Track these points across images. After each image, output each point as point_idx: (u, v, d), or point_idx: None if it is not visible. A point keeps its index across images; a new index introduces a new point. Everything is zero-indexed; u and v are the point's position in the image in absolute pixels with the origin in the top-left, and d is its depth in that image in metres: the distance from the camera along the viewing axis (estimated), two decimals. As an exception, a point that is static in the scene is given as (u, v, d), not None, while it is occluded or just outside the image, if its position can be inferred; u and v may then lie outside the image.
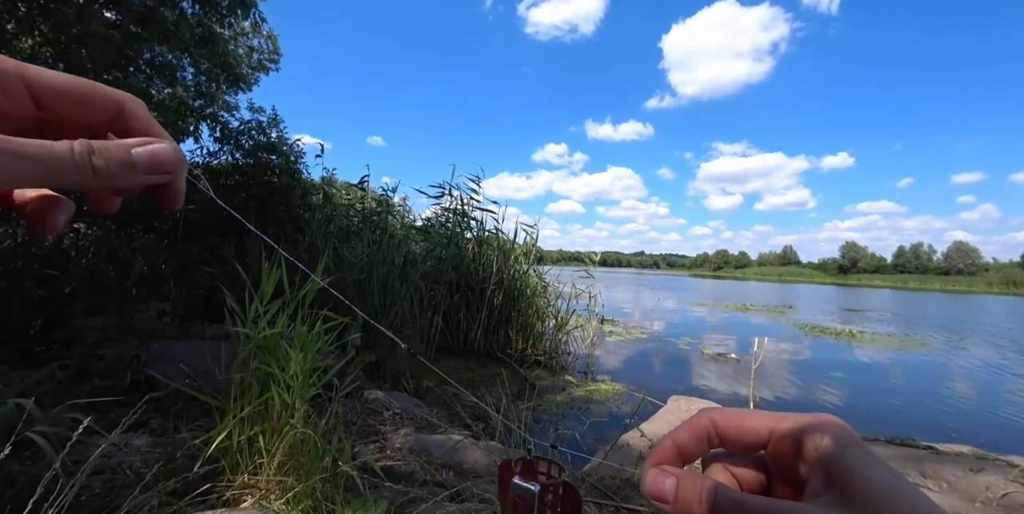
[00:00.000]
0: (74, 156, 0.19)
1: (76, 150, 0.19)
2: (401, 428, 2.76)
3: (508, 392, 2.25)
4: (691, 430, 0.27)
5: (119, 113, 0.22)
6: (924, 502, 0.20)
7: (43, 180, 0.19)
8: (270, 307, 1.83)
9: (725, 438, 0.26)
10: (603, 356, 5.97)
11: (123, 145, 0.20)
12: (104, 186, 0.20)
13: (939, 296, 37.18)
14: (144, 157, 0.21)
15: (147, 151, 0.21)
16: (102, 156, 0.20)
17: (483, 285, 5.20)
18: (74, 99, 0.21)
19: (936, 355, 7.43)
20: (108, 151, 0.20)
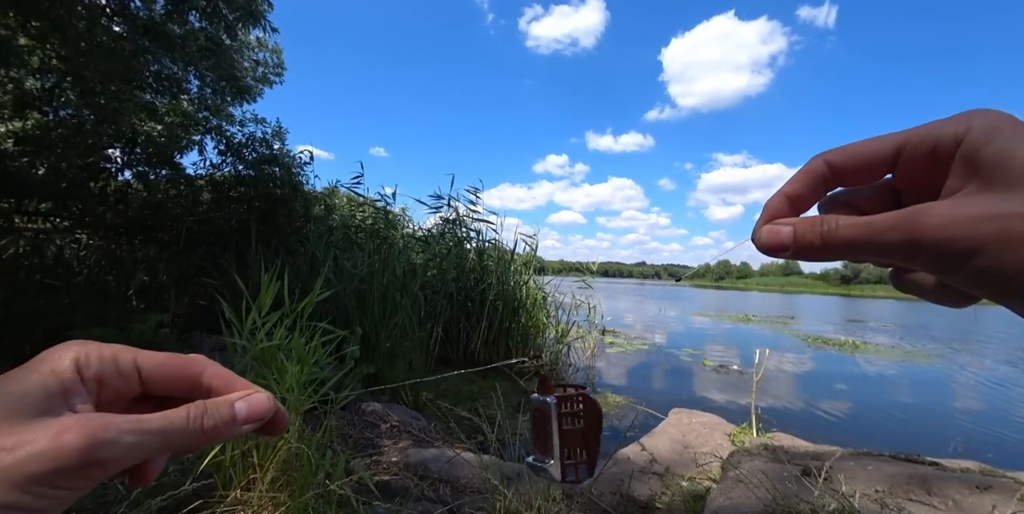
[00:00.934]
0: (189, 422, 0.22)
1: (191, 416, 0.22)
2: (399, 441, 2.73)
3: (503, 405, 2.23)
4: (803, 177, 0.25)
5: (199, 376, 0.26)
6: None
7: (160, 449, 0.21)
8: (268, 319, 1.83)
9: (844, 171, 0.24)
10: (604, 368, 5.92)
11: (227, 401, 0.24)
12: (208, 443, 0.23)
13: (942, 307, 36.89)
14: (244, 410, 0.24)
15: (246, 403, 0.24)
16: (212, 416, 0.23)
17: (483, 296, 5.19)
18: (168, 371, 0.25)
19: (941, 367, 7.35)
20: (216, 411, 0.23)
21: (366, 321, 3.99)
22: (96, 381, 0.23)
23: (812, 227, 0.22)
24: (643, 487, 2.37)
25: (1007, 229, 0.16)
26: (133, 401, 0.25)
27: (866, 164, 0.23)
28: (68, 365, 0.22)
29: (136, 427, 0.20)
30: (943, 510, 1.67)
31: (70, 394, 0.21)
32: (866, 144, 0.23)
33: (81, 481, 0.19)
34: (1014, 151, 0.18)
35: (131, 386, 0.24)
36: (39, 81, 5.68)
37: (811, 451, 2.48)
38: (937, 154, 0.21)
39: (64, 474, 0.18)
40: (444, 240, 5.77)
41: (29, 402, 0.19)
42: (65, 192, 5.81)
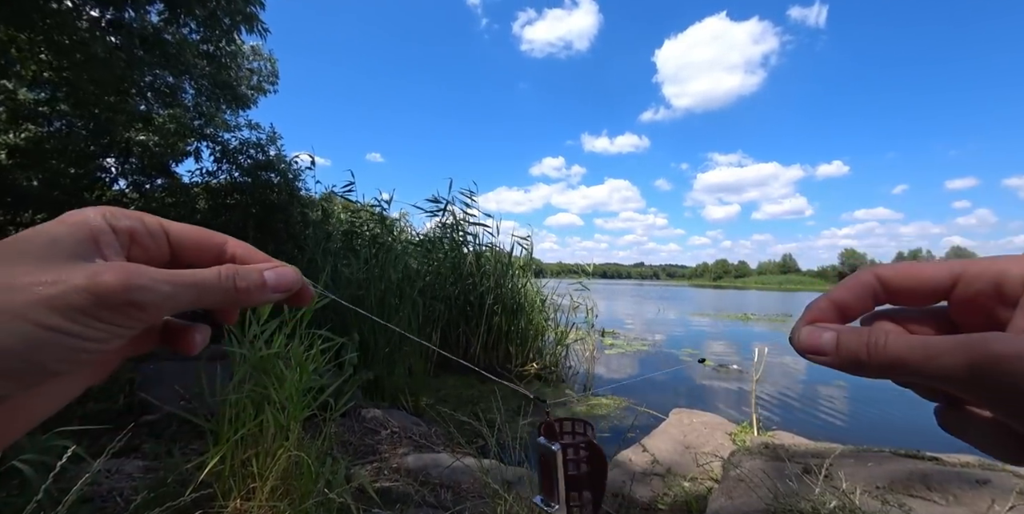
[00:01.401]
0: (221, 279, 0.23)
1: (223, 274, 0.23)
2: (399, 447, 2.72)
3: (502, 409, 2.23)
4: (852, 287, 0.24)
5: (222, 249, 0.26)
6: None
7: (195, 303, 0.22)
8: (267, 327, 1.83)
9: (896, 291, 0.23)
10: (604, 369, 5.92)
11: (256, 268, 0.24)
12: (242, 303, 0.24)
13: (940, 302, 37.11)
14: (274, 278, 0.25)
15: (275, 273, 0.25)
16: (243, 278, 0.23)
17: (482, 300, 5.19)
18: (194, 240, 0.26)
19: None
20: (247, 274, 0.24)
21: (364, 327, 3.98)
22: (128, 235, 0.23)
23: (859, 337, 0.21)
24: (645, 488, 2.37)
25: None
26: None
27: (919, 286, 0.22)
28: (97, 216, 0.22)
29: (170, 278, 0.20)
30: (943, 505, 1.67)
31: (101, 244, 0.21)
32: (922, 267, 0.23)
33: (124, 319, 0.19)
34: None
35: (160, 248, 0.24)
36: (33, 93, 5.68)
37: (812, 449, 2.49)
38: (1001, 291, 0.20)
39: (105, 309, 0.19)
40: (442, 244, 5.77)
41: (61, 248, 0.20)
42: (60, 203, 5.79)
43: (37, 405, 0.22)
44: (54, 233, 0.20)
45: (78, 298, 0.18)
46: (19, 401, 0.20)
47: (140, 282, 0.19)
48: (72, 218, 0.21)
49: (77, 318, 0.18)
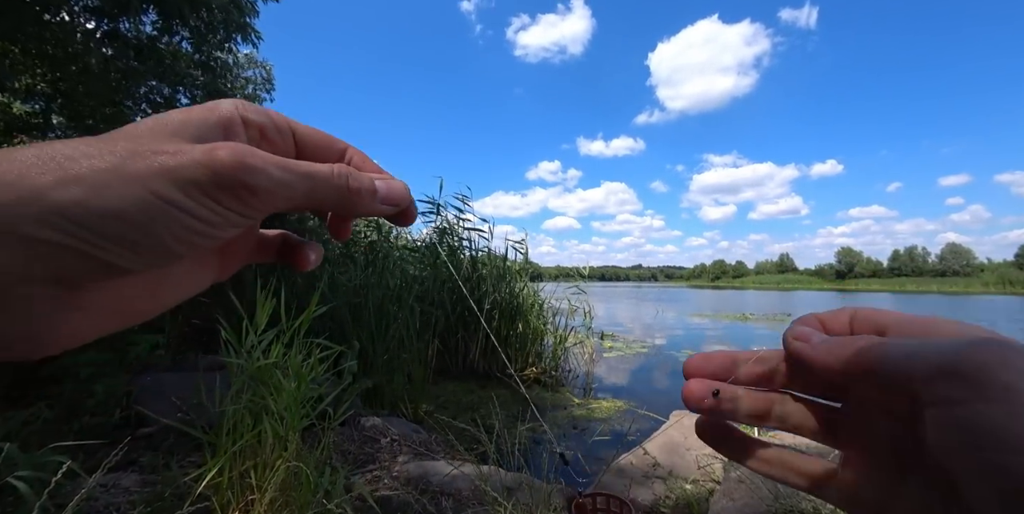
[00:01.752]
0: (334, 176, 0.22)
1: (336, 171, 0.22)
2: (399, 455, 2.71)
3: (501, 414, 2.23)
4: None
5: (343, 154, 0.26)
6: None
7: (306, 196, 0.21)
8: (265, 336, 1.83)
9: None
10: (603, 372, 5.91)
11: (369, 176, 0.24)
12: (351, 207, 0.23)
13: (937, 298, 37.25)
14: (384, 188, 0.24)
15: (387, 184, 0.24)
16: (356, 180, 0.23)
17: (479, 305, 5.18)
18: (318, 143, 0.26)
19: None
20: (360, 176, 0.23)
21: (363, 335, 3.97)
22: (257, 130, 0.23)
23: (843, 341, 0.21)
24: (646, 492, 2.36)
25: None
26: None
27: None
28: (230, 106, 0.22)
29: (284, 164, 0.20)
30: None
31: (230, 133, 0.21)
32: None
33: (237, 203, 0.19)
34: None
35: (287, 146, 0.24)
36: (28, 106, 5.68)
37: (813, 448, 2.49)
38: (898, 407, 0.20)
39: (219, 188, 0.18)
40: (438, 249, 5.77)
41: (190, 129, 0.20)
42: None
43: (166, 290, 0.22)
44: (187, 116, 0.21)
45: (195, 172, 0.18)
46: (148, 282, 0.21)
47: (253, 162, 0.19)
48: (207, 105, 0.21)
49: (192, 194, 0.18)
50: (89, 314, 0.19)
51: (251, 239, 0.27)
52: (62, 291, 0.18)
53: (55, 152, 0.17)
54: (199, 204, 0.18)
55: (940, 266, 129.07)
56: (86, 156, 0.17)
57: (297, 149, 0.25)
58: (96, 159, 0.17)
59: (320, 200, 0.22)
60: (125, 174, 0.17)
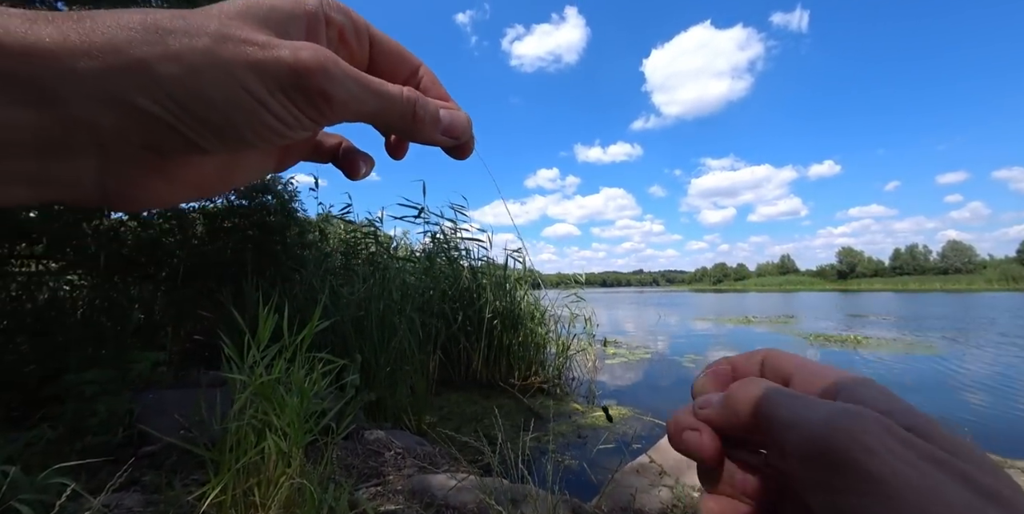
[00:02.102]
0: (404, 100, 0.22)
1: (406, 95, 0.22)
2: (403, 468, 2.69)
3: (502, 426, 2.22)
4: (748, 355, 0.24)
5: (415, 72, 0.26)
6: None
7: (374, 115, 0.22)
8: (267, 352, 1.83)
9: (769, 377, 0.22)
10: (607, 379, 5.88)
11: (436, 104, 0.24)
12: (413, 133, 0.24)
13: (941, 296, 37.09)
14: (448, 119, 0.24)
15: (451, 115, 0.25)
16: (423, 106, 0.23)
17: (480, 314, 5.18)
18: (393, 55, 0.25)
19: (945, 357, 7.35)
20: (427, 104, 0.23)
21: (365, 347, 3.97)
22: (338, 31, 0.23)
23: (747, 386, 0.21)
24: (653, 500, 2.34)
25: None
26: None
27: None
28: (316, 2, 0.22)
29: (360, 77, 0.20)
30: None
31: (312, 31, 0.22)
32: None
33: (311, 109, 0.20)
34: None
35: (363, 52, 0.24)
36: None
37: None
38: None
39: (299, 92, 0.19)
40: (438, 260, 5.79)
41: (278, 17, 0.20)
42: (58, 233, 5.80)
43: (235, 172, 0.24)
44: (277, 3, 0.21)
45: (280, 71, 0.18)
46: (222, 163, 0.22)
47: (335, 72, 0.19)
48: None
49: (274, 92, 0.19)
50: (171, 183, 0.21)
51: (312, 139, 0.28)
52: (151, 158, 0.19)
53: (158, 23, 0.18)
54: (279, 103, 0.19)
55: (942, 264, 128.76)
56: (185, 33, 0.18)
57: (372, 56, 0.25)
58: (195, 38, 0.18)
59: (386, 120, 0.23)
60: (218, 60, 0.18)
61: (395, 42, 0.25)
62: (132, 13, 0.18)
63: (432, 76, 0.27)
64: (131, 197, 0.21)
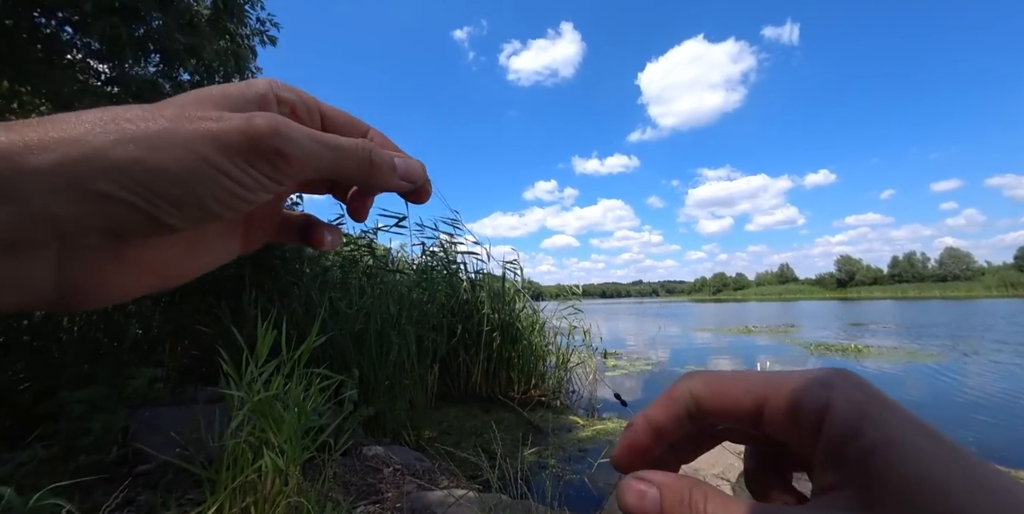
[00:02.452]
0: (359, 149, 0.23)
1: (360, 145, 0.24)
2: (403, 485, 2.64)
3: (503, 440, 2.20)
4: (666, 405, 0.21)
5: (365, 134, 0.28)
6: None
7: (331, 167, 0.23)
8: (265, 368, 1.83)
9: (708, 412, 0.20)
10: (608, 391, 5.83)
11: (389, 153, 0.26)
12: (371, 180, 0.25)
13: (940, 303, 37.05)
14: (403, 166, 0.26)
15: (406, 162, 0.26)
16: (378, 155, 0.24)
17: (479, 327, 5.16)
18: (343, 123, 0.27)
19: (947, 365, 7.32)
20: (381, 153, 0.25)
21: (364, 362, 3.94)
22: (289, 107, 0.25)
23: (681, 503, 0.18)
24: (657, 516, 2.30)
25: None
26: None
27: (728, 410, 0.20)
28: (264, 84, 0.24)
29: (313, 135, 0.22)
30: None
31: (264, 108, 0.23)
32: (729, 385, 0.20)
33: (271, 169, 0.20)
34: (885, 453, 0.14)
35: (315, 123, 0.26)
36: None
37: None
38: (800, 426, 0.18)
39: (255, 154, 0.20)
40: (435, 273, 5.79)
41: (230, 100, 0.22)
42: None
43: (200, 254, 0.24)
44: (226, 91, 0.23)
45: (235, 137, 0.20)
46: (186, 244, 0.23)
47: (287, 131, 0.21)
48: (244, 82, 0.24)
49: (232, 157, 0.20)
50: (135, 270, 0.22)
51: (276, 216, 0.29)
52: (114, 243, 0.20)
53: (115, 115, 0.19)
54: (237, 167, 0.20)
55: (941, 271, 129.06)
56: (141, 119, 0.19)
57: (323, 128, 0.26)
58: (150, 121, 0.19)
59: (345, 171, 0.23)
60: (175, 136, 0.19)
61: (343, 112, 0.27)
62: (91, 111, 0.19)
63: (382, 136, 0.29)
64: (91, 291, 0.21)
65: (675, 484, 0.19)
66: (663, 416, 0.21)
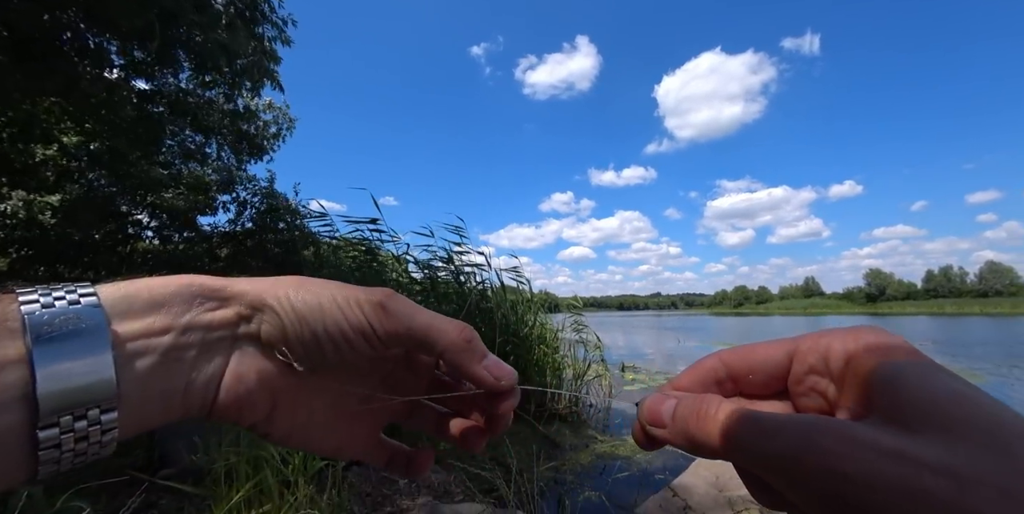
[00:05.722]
0: (457, 322, 0.27)
1: (461, 325, 0.27)
2: (417, 497, 2.62)
3: (518, 454, 2.16)
4: (694, 372, 0.23)
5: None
6: (1012, 415, 0.14)
7: (427, 328, 0.26)
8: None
9: (738, 374, 0.22)
10: (627, 406, 5.68)
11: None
12: (459, 353, 0.26)
13: (982, 320, 35.09)
14: (495, 360, 0.27)
15: (498, 359, 0.27)
16: (476, 338, 0.27)
17: (492, 337, 5.13)
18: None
19: (996, 387, 6.88)
20: (476, 335, 0.27)
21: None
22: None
23: (693, 404, 0.19)
24: (678, 539, 2.21)
25: (915, 481, 0.14)
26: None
27: (759, 366, 0.22)
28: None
29: (419, 308, 0.26)
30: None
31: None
32: (757, 346, 0.22)
33: (373, 313, 0.24)
34: (912, 388, 0.16)
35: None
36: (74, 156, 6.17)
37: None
38: (829, 368, 0.19)
39: (367, 303, 0.25)
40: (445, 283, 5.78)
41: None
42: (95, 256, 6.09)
43: (340, 430, 0.29)
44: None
45: (359, 294, 0.25)
46: (325, 410, 0.28)
47: (395, 295, 0.25)
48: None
49: (351, 304, 0.24)
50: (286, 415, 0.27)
51: (375, 434, 0.31)
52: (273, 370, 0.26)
53: (301, 279, 0.27)
54: (351, 309, 0.24)
55: (981, 286, 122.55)
56: (310, 281, 0.27)
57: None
58: (316, 283, 0.27)
59: (436, 337, 0.25)
60: (325, 288, 0.26)
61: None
62: (288, 278, 0.27)
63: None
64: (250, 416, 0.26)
65: (693, 397, 0.21)
66: (688, 381, 0.24)
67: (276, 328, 0.24)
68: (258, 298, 0.24)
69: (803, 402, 0.21)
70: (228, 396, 0.24)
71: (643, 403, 0.22)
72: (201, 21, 3.98)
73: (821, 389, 0.20)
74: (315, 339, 0.24)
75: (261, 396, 0.25)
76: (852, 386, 0.18)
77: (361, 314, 0.24)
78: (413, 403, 0.31)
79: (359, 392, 0.28)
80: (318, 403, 0.27)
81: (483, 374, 0.25)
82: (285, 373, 0.25)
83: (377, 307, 0.24)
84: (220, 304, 0.24)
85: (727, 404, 0.19)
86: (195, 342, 0.23)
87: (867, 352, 0.18)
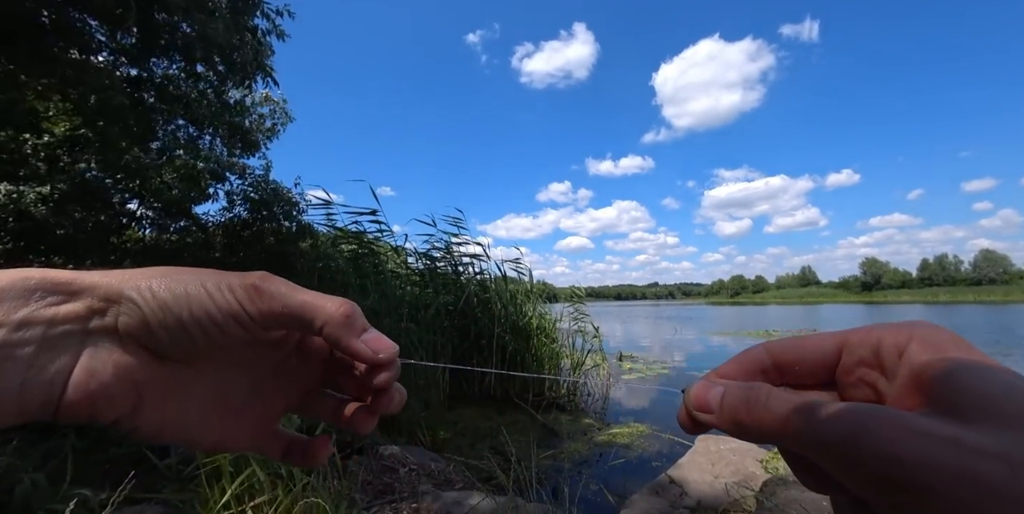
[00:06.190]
0: (336, 299, 0.26)
1: (339, 299, 0.26)
2: (418, 485, 2.66)
3: (517, 442, 2.18)
4: (739, 361, 0.23)
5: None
6: None
7: (302, 306, 0.25)
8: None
9: (785, 364, 0.23)
10: (624, 395, 5.75)
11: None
12: (337, 330, 0.25)
13: (976, 308, 35.50)
14: (375, 334, 0.26)
15: (378, 334, 0.26)
16: (355, 310, 0.26)
17: (492, 328, 5.16)
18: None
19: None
20: (359, 311, 0.26)
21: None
22: None
23: (741, 392, 0.20)
24: (674, 524, 2.25)
25: (970, 466, 0.14)
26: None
27: (807, 357, 0.22)
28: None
29: (295, 287, 0.25)
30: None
31: None
32: (807, 337, 0.23)
33: (245, 296, 0.24)
34: (965, 379, 0.16)
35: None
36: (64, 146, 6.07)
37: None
38: (881, 361, 0.20)
39: (239, 287, 0.24)
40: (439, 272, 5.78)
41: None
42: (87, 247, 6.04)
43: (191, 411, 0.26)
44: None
45: (233, 279, 0.24)
46: (173, 383, 0.25)
47: (271, 277, 0.25)
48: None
49: (223, 289, 0.24)
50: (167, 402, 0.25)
51: (271, 427, 0.31)
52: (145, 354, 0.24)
53: (168, 269, 0.26)
54: (221, 293, 0.24)
55: (975, 274, 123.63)
56: (178, 271, 0.25)
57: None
58: (186, 272, 0.26)
59: (314, 314, 0.25)
60: (191, 274, 0.25)
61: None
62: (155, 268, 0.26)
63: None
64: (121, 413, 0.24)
65: (741, 384, 0.21)
66: (733, 370, 0.24)
67: (135, 318, 0.23)
68: (113, 290, 0.23)
69: (851, 393, 0.22)
70: (77, 393, 0.22)
71: (689, 390, 0.22)
72: (184, 4, 3.87)
73: (871, 381, 0.21)
74: (180, 325, 0.23)
75: (120, 390, 0.23)
76: (905, 379, 0.19)
77: (232, 297, 0.24)
78: (308, 391, 0.31)
79: (243, 383, 0.28)
80: (194, 396, 0.26)
81: (361, 347, 0.25)
82: (151, 366, 0.24)
83: (249, 289, 0.24)
84: (66, 298, 0.23)
85: (779, 391, 0.19)
86: (33, 338, 0.21)
87: (921, 346, 0.19)
